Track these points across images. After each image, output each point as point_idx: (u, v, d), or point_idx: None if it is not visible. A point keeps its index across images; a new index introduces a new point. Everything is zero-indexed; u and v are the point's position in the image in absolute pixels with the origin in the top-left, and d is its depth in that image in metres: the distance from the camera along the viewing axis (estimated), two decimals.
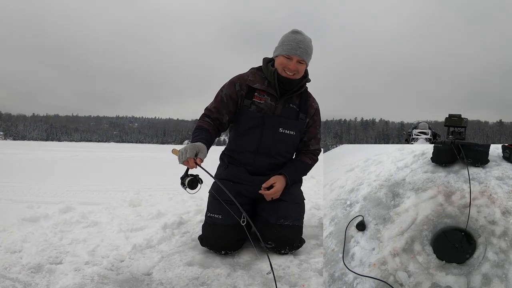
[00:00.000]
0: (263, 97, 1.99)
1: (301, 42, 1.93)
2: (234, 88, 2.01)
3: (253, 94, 1.98)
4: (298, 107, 2.05)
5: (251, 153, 2.04)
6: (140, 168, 8.99)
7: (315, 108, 2.13)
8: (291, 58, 1.91)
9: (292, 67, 1.92)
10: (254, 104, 1.99)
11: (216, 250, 1.97)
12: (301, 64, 1.94)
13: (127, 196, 3.66)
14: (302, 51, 1.92)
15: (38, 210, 2.96)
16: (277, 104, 2.00)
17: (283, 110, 2.01)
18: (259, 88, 1.98)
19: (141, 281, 1.66)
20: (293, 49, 1.91)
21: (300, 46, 1.92)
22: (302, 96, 2.08)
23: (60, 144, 52.70)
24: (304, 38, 1.96)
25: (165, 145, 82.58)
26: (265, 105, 1.98)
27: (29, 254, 1.84)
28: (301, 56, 1.92)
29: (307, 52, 1.95)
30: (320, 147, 2.20)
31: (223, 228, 1.96)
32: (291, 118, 2.03)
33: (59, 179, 5.64)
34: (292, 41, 1.93)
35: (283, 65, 1.93)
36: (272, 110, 1.99)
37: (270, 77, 1.98)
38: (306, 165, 2.14)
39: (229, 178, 2.07)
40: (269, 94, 1.99)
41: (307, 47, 1.95)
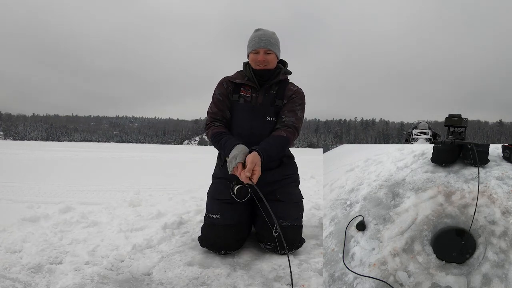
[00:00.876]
0: (248, 91, 2.14)
1: (262, 35, 2.11)
2: (223, 86, 2.17)
3: (239, 89, 2.14)
4: (276, 93, 2.14)
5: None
6: (140, 168, 9.00)
7: (294, 91, 2.15)
8: (257, 51, 2.08)
9: (260, 58, 2.08)
10: (242, 97, 2.13)
11: (215, 251, 1.97)
12: (269, 54, 2.09)
13: (127, 196, 3.66)
14: (266, 42, 2.09)
15: (38, 210, 2.96)
16: (258, 94, 2.13)
17: (264, 99, 2.12)
18: (240, 82, 2.15)
19: (141, 281, 1.66)
20: (257, 43, 2.09)
21: (262, 39, 2.09)
22: (281, 84, 2.18)
23: (60, 144, 52.71)
24: (265, 32, 2.13)
25: (165, 145, 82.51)
26: (250, 97, 2.13)
27: (29, 254, 1.84)
28: (265, 47, 2.08)
29: (271, 42, 2.10)
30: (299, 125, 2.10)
31: (222, 228, 1.96)
32: (271, 104, 2.12)
33: (59, 179, 5.64)
34: (255, 38, 2.11)
35: (254, 60, 2.10)
36: (255, 100, 2.12)
37: (247, 73, 2.15)
38: (280, 137, 2.01)
39: (226, 177, 2.07)
40: (251, 87, 2.14)
41: (270, 38, 2.11)
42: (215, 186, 2.18)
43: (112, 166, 9.57)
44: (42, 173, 6.75)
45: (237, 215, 2.01)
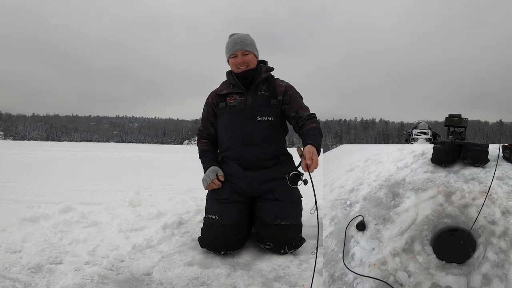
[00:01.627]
0: (232, 97, 2.18)
1: (237, 38, 2.16)
2: (208, 103, 2.27)
3: (224, 99, 2.19)
4: (267, 92, 2.16)
5: (238, 147, 2.11)
6: (140, 168, 9.00)
7: (284, 86, 2.18)
8: (236, 55, 2.13)
9: (239, 61, 2.12)
10: (227, 105, 2.18)
11: (215, 251, 1.98)
12: (246, 55, 2.14)
13: (127, 196, 3.66)
14: (241, 44, 2.14)
15: (38, 210, 2.96)
16: (246, 97, 2.15)
17: (254, 99, 2.14)
18: (225, 92, 2.19)
19: (141, 281, 1.66)
20: (233, 47, 2.14)
21: (237, 42, 2.14)
22: (268, 82, 2.20)
23: (60, 144, 52.71)
24: (239, 35, 2.19)
25: (165, 145, 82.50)
26: (235, 102, 2.16)
27: (29, 254, 1.84)
28: (242, 48, 2.13)
29: (246, 43, 2.15)
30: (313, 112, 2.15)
31: (221, 228, 1.97)
32: (264, 104, 2.14)
33: (59, 179, 5.65)
34: (230, 43, 2.17)
35: (234, 64, 2.15)
36: (244, 103, 2.14)
37: (231, 80, 2.20)
38: (316, 128, 2.05)
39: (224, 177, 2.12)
40: (237, 93, 2.17)
41: (244, 39, 2.16)
42: None
43: (112, 166, 9.57)
44: (42, 173, 6.76)
45: (236, 215, 2.01)
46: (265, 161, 2.11)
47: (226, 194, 2.05)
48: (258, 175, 2.08)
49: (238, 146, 2.11)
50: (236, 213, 2.02)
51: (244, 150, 2.10)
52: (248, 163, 2.09)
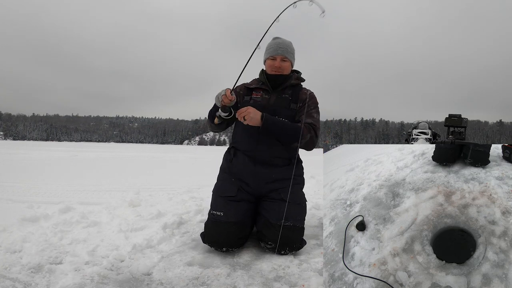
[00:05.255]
0: (259, 93, 2.27)
1: (281, 44, 2.25)
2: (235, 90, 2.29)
3: (251, 92, 2.29)
4: (291, 97, 2.24)
5: (253, 140, 2.15)
6: (140, 168, 8.99)
7: (306, 94, 2.25)
8: (275, 58, 2.23)
9: (277, 65, 2.23)
10: (252, 99, 2.26)
11: (217, 247, 1.99)
12: (285, 61, 2.24)
13: (127, 196, 3.66)
14: (283, 50, 2.23)
15: (38, 210, 2.96)
16: (270, 96, 2.24)
17: (276, 100, 2.22)
18: (254, 87, 2.30)
19: (141, 281, 1.66)
20: (275, 51, 2.23)
21: (280, 47, 2.24)
22: (294, 89, 2.27)
23: (60, 144, 52.74)
24: (283, 41, 2.27)
25: (165, 145, 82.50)
26: (261, 98, 2.24)
27: (29, 254, 1.84)
28: (283, 54, 2.23)
29: (288, 50, 2.25)
30: (316, 125, 2.17)
31: (225, 225, 1.99)
32: (285, 106, 2.21)
33: (59, 179, 5.64)
34: (273, 45, 2.26)
35: (270, 65, 2.25)
36: (267, 101, 2.22)
37: (262, 78, 2.30)
38: (294, 124, 2.10)
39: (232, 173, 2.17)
40: (264, 90, 2.27)
41: (287, 46, 2.26)
42: (220, 183, 2.22)
43: (112, 166, 9.57)
44: (42, 173, 6.75)
45: (240, 213, 2.04)
46: (276, 159, 2.15)
47: (233, 191, 2.10)
48: (267, 172, 2.12)
49: (253, 140, 2.15)
50: (241, 211, 2.05)
51: (259, 144, 2.13)
52: (259, 157, 2.12)
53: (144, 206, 3.10)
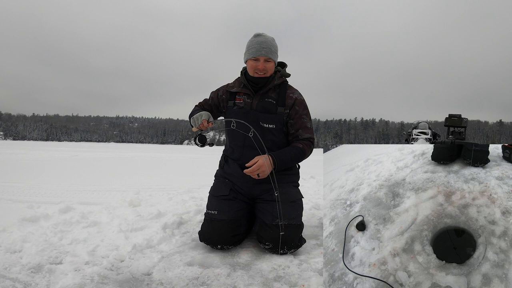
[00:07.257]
0: (241, 97, 2.20)
1: (264, 43, 2.09)
2: (218, 94, 2.30)
3: (234, 97, 2.22)
4: (276, 100, 2.16)
5: (239, 147, 2.17)
6: (140, 168, 8.99)
7: (294, 99, 2.18)
8: (258, 59, 2.09)
9: (260, 67, 2.09)
10: (235, 104, 2.20)
11: (211, 245, 2.02)
12: (269, 62, 2.11)
13: (127, 196, 3.65)
14: (267, 51, 2.09)
15: (38, 210, 2.96)
16: (252, 100, 2.17)
17: (258, 104, 2.15)
18: (236, 90, 2.22)
19: (141, 281, 1.66)
20: (258, 51, 2.08)
21: (263, 46, 2.09)
22: (280, 89, 2.19)
23: (60, 144, 52.74)
24: (266, 39, 2.11)
25: (165, 145, 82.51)
26: (244, 103, 2.18)
27: (29, 254, 1.84)
28: (266, 55, 2.08)
29: (271, 50, 2.11)
30: (313, 136, 2.19)
31: (219, 223, 2.03)
32: (269, 111, 2.14)
33: (59, 179, 5.64)
34: (255, 44, 2.10)
35: (253, 68, 2.11)
36: (249, 106, 2.16)
37: (243, 79, 2.21)
38: (297, 148, 2.11)
39: (225, 176, 2.23)
40: (245, 94, 2.19)
41: (271, 45, 2.11)
42: (215, 184, 2.27)
43: (112, 166, 9.57)
44: (42, 173, 6.75)
45: (234, 211, 2.06)
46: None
47: (226, 191, 2.14)
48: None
49: (239, 147, 2.16)
50: (234, 209, 2.07)
51: (244, 151, 2.14)
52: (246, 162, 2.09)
53: (144, 206, 3.10)
